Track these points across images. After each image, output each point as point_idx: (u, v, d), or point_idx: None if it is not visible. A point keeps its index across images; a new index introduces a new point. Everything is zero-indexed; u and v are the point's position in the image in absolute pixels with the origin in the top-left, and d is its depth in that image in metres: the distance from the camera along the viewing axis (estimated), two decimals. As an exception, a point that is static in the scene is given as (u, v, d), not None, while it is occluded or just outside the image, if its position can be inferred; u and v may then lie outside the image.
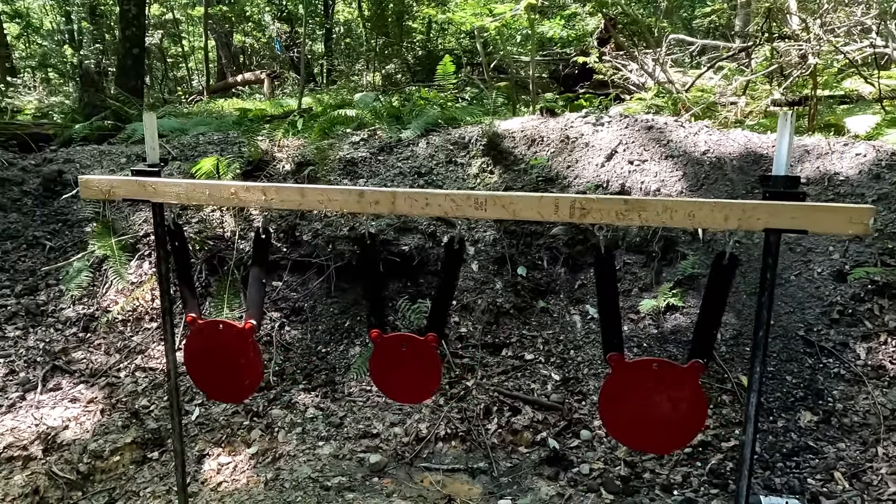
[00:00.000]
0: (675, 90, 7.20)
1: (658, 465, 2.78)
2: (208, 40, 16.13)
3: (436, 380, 1.74)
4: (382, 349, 1.73)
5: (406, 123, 5.39)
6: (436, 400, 3.28)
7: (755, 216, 1.45)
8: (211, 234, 4.24)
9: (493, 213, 1.59)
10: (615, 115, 4.70)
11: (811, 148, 4.02)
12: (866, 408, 2.77)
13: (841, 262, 3.33)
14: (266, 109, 8.60)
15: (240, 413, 3.28)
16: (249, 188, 1.72)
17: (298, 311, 3.97)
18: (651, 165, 4.17)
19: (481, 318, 3.71)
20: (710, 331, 1.54)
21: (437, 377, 1.74)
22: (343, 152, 4.91)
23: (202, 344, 1.94)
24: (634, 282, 3.75)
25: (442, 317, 1.72)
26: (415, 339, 1.71)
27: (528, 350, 3.52)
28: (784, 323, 3.22)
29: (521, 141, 4.72)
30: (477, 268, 3.98)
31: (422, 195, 1.62)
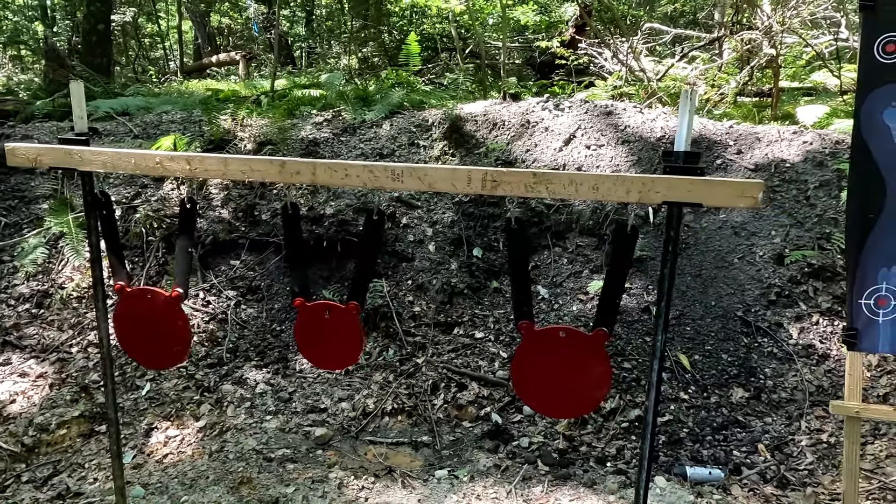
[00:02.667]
0: (646, 78, 7.27)
1: (595, 438, 2.87)
2: (183, 20, 15.88)
3: (358, 347, 1.79)
4: (306, 317, 1.77)
5: (372, 106, 5.39)
6: (385, 376, 3.33)
7: (654, 189, 1.50)
8: (169, 212, 4.22)
9: (409, 185, 1.63)
10: (575, 101, 4.75)
11: (762, 135, 4.12)
12: (794, 384, 2.88)
13: (781, 245, 3.44)
14: (239, 91, 8.51)
15: (190, 388, 3.30)
16: (174, 157, 1.74)
17: (255, 290, 3.99)
18: (607, 150, 4.23)
19: (435, 298, 3.76)
20: (614, 300, 1.60)
21: (358, 344, 1.78)
22: (305, 132, 4.90)
23: (131, 311, 1.96)
24: (586, 263, 3.83)
25: (363, 286, 1.76)
26: (337, 307, 1.75)
27: (479, 329, 3.58)
28: (725, 304, 3.32)
29: (483, 125, 4.76)
30: (434, 248, 4.03)
31: (341, 166, 1.65)
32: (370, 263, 1.78)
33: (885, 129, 1.62)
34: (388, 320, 3.66)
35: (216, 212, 4.27)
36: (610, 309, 1.61)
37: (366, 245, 1.77)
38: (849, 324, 1.71)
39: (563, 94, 7.63)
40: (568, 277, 3.79)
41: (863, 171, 1.65)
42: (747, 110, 6.28)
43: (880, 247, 1.66)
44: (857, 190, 1.67)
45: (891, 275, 1.66)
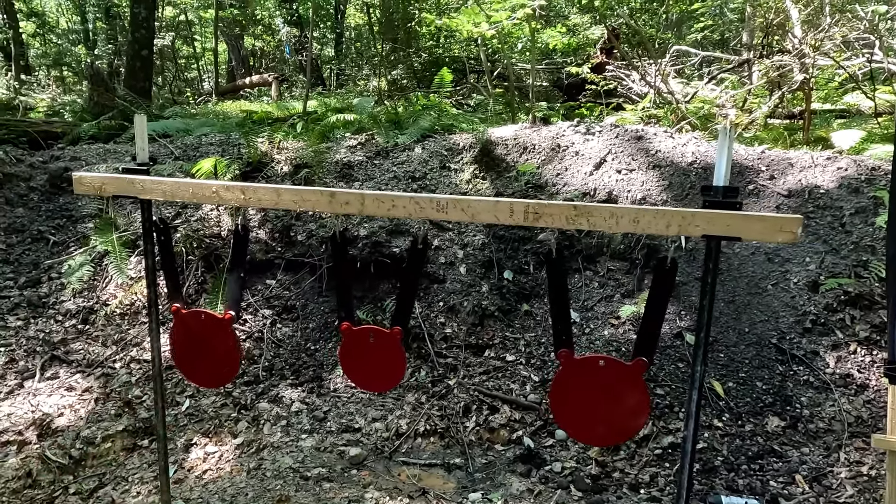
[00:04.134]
0: (675, 100, 7.29)
1: (628, 465, 2.87)
2: (219, 43, 16.39)
3: (401, 370, 1.84)
4: (351, 341, 1.83)
5: (404, 129, 5.51)
6: (418, 397, 3.38)
7: (694, 223, 1.54)
8: (208, 232, 4.36)
9: (453, 216, 1.69)
10: (605, 125, 4.80)
11: (795, 161, 4.10)
12: (832, 414, 2.84)
13: (816, 272, 3.41)
14: (272, 112, 8.78)
15: (228, 405, 3.39)
16: (229, 187, 1.83)
17: (290, 309, 4.08)
18: (638, 175, 4.26)
19: (466, 320, 3.81)
20: (653, 331, 1.64)
21: (402, 367, 1.84)
22: (340, 156, 5.04)
23: (185, 332, 2.05)
24: (617, 288, 3.84)
25: (406, 311, 1.82)
26: (381, 332, 1.81)
27: (510, 351, 3.61)
28: (759, 331, 3.30)
29: (514, 148, 4.83)
30: (465, 271, 4.08)
31: (388, 198, 1.73)
32: (412, 289, 1.84)
33: (925, 164, 1.64)
34: (421, 341, 3.72)
35: (254, 233, 4.40)
36: (650, 339, 1.64)
37: (408, 272, 1.84)
38: (890, 356, 1.71)
39: (591, 116, 7.68)
40: (599, 302, 3.80)
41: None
42: (778, 133, 6.24)
43: (922, 280, 1.66)
44: (895, 222, 1.69)
45: (933, 309, 1.66)
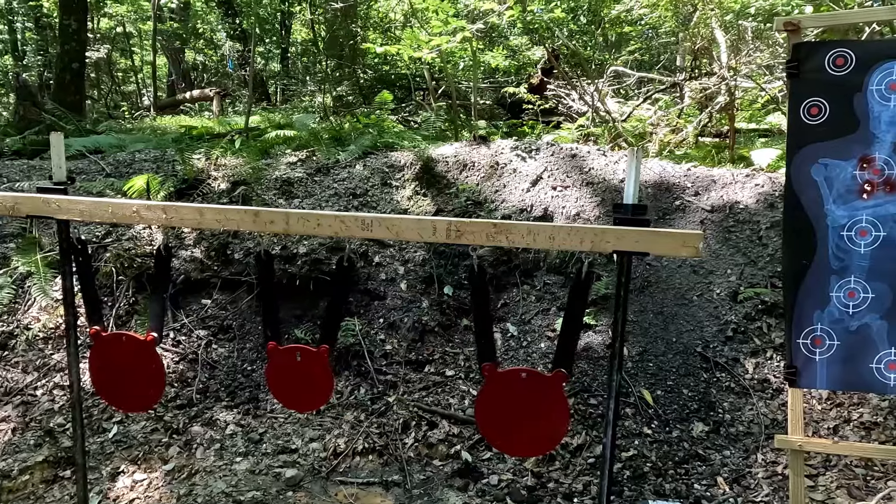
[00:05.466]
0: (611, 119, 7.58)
1: (563, 474, 2.93)
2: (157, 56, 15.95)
3: (328, 388, 1.84)
4: (278, 360, 1.82)
5: (346, 146, 5.52)
6: (357, 415, 3.36)
7: (605, 239, 1.63)
8: (140, 251, 4.23)
9: (378, 234, 1.72)
10: (542, 144, 4.95)
11: (717, 178, 4.34)
12: (751, 418, 3.00)
13: (737, 283, 3.61)
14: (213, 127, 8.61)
15: (159, 430, 3.28)
16: (150, 207, 1.80)
17: (226, 329, 3.99)
18: (573, 191, 4.41)
19: (407, 336, 3.82)
20: (571, 343, 1.70)
21: (329, 386, 1.84)
22: (279, 172, 4.99)
23: (106, 356, 1.99)
24: (553, 301, 3.94)
25: (333, 329, 1.83)
26: (308, 350, 1.81)
27: (450, 366, 3.65)
28: (685, 340, 3.45)
29: (454, 166, 4.91)
30: (405, 287, 4.10)
31: (314, 216, 1.74)
32: (339, 308, 1.85)
33: (813, 183, 1.78)
34: (360, 359, 3.70)
35: (188, 251, 4.29)
36: (568, 351, 1.71)
37: (336, 290, 1.85)
38: (789, 362, 1.84)
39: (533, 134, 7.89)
40: (536, 315, 3.89)
41: (795, 221, 1.81)
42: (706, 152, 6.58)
43: (814, 290, 1.80)
44: (790, 238, 1.82)
45: (824, 316, 1.80)
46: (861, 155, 1.74)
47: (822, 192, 1.77)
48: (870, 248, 1.75)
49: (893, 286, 1.75)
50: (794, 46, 1.76)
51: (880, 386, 1.79)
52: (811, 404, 3.03)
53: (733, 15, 4.98)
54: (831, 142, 1.76)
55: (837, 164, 1.76)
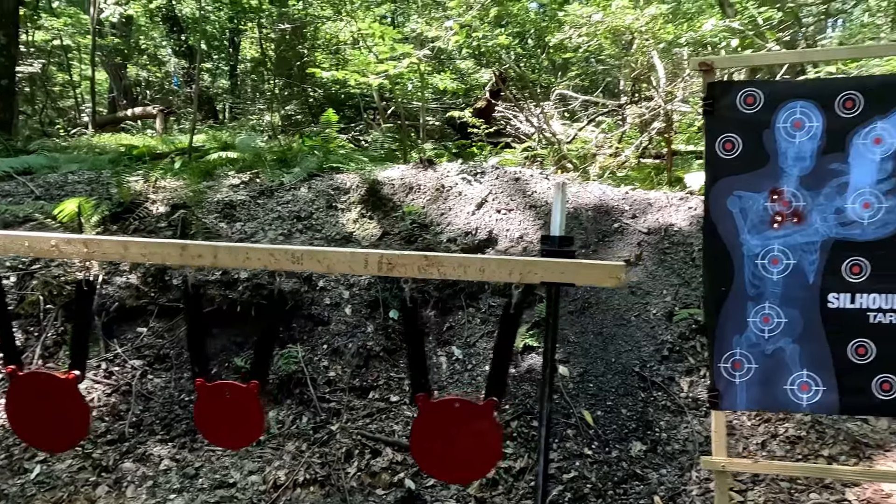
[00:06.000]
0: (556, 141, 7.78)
1: (506, 499, 2.94)
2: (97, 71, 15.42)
3: (259, 425, 1.80)
4: (206, 397, 1.77)
5: (291, 168, 5.46)
6: (298, 445, 3.28)
7: (533, 271, 1.66)
8: (70, 278, 4.04)
9: (308, 267, 1.71)
10: (487, 167, 5.03)
11: (653, 201, 4.51)
12: (686, 436, 3.10)
13: (672, 303, 3.74)
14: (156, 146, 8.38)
15: (87, 469, 3.11)
16: (70, 241, 1.73)
17: (163, 359, 3.85)
18: (516, 214, 4.49)
19: (351, 362, 3.78)
20: (502, 371, 1.73)
21: (260, 423, 1.80)
22: (221, 195, 4.89)
23: (23, 395, 1.88)
24: (498, 324, 3.97)
25: (264, 364, 1.79)
26: (238, 387, 1.77)
27: (395, 392, 3.62)
28: (624, 360, 3.54)
29: (401, 188, 4.92)
30: (350, 312, 4.06)
31: (242, 249, 1.71)
32: (271, 342, 1.82)
33: (729, 214, 1.88)
34: (303, 386, 3.63)
35: (124, 277, 4.14)
36: (499, 379, 1.73)
37: (266, 324, 1.82)
38: (711, 385, 1.92)
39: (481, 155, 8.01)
40: (481, 338, 3.92)
41: (714, 250, 1.90)
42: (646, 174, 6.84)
43: (733, 316, 1.89)
44: (710, 266, 1.91)
45: (743, 340, 1.89)
46: (771, 188, 1.85)
47: (737, 223, 1.87)
48: (782, 276, 1.85)
49: (803, 312, 1.85)
50: (709, 85, 1.87)
51: (794, 405, 1.89)
52: (742, 420, 3.15)
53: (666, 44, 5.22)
54: (744, 175, 1.86)
55: (751, 196, 1.86)
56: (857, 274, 1.82)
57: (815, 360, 1.85)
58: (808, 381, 1.86)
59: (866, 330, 1.81)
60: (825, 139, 1.81)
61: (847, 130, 1.80)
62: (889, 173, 1.78)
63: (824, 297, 1.84)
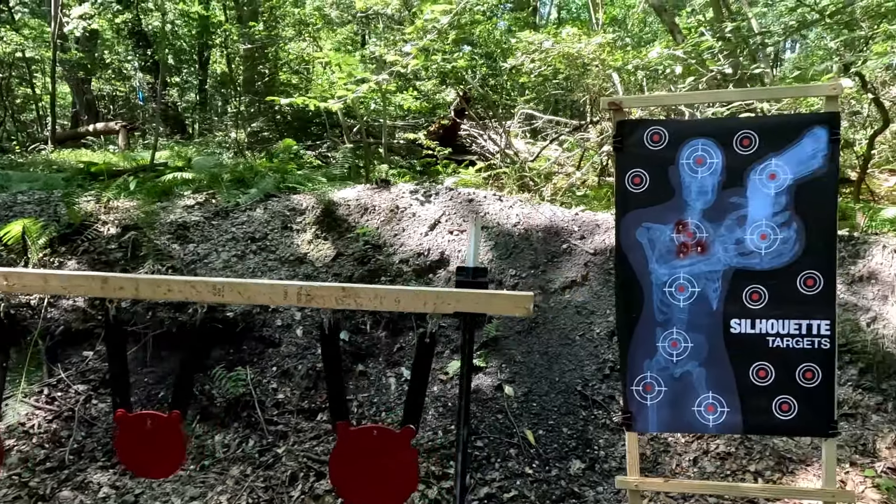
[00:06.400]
0: (518, 159, 7.93)
1: (448, 519, 2.98)
2: (60, 85, 15.18)
3: (180, 454, 1.82)
4: (127, 428, 1.79)
5: (248, 188, 5.47)
6: (243, 470, 3.28)
7: (447, 301, 1.74)
8: (14, 301, 3.98)
9: (229, 298, 1.75)
10: (442, 188, 5.12)
11: (601, 222, 4.64)
12: (622, 454, 3.18)
13: (614, 323, 3.85)
14: (117, 163, 8.30)
15: (22, 498, 3.06)
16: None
17: (108, 383, 3.81)
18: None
19: (300, 384, 3.79)
20: (418, 400, 1.79)
21: (181, 452, 1.82)
22: (175, 216, 4.87)
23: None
24: (447, 344, 4.04)
25: (186, 394, 1.82)
26: (159, 417, 1.79)
27: (343, 414, 3.64)
28: (567, 379, 3.63)
29: (356, 209, 4.98)
30: (301, 333, 4.08)
31: (164, 282, 1.75)
32: (192, 371, 1.85)
33: (638, 245, 1.98)
34: (251, 409, 3.63)
35: (70, 300, 4.09)
36: (415, 408, 1.79)
37: (189, 350, 1.85)
38: (624, 407, 2.01)
39: (444, 172, 8.11)
40: (430, 358, 3.97)
41: (625, 278, 1.99)
42: (604, 193, 7.01)
43: (643, 341, 1.98)
44: (621, 294, 2.01)
45: (653, 364, 1.98)
46: (677, 220, 1.96)
47: (646, 253, 1.97)
48: (687, 303, 1.96)
49: (708, 337, 1.96)
50: (618, 124, 1.98)
51: (701, 426, 1.98)
52: (676, 438, 3.25)
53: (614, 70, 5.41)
54: (652, 208, 1.97)
55: (658, 228, 1.97)
56: (757, 301, 1.93)
57: (720, 382, 1.95)
58: (714, 402, 1.96)
59: (766, 354, 1.92)
60: (725, 175, 1.93)
61: (745, 167, 1.92)
62: (783, 207, 1.90)
63: (727, 322, 1.95)
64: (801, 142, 1.88)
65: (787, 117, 1.93)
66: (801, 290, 1.90)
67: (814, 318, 1.90)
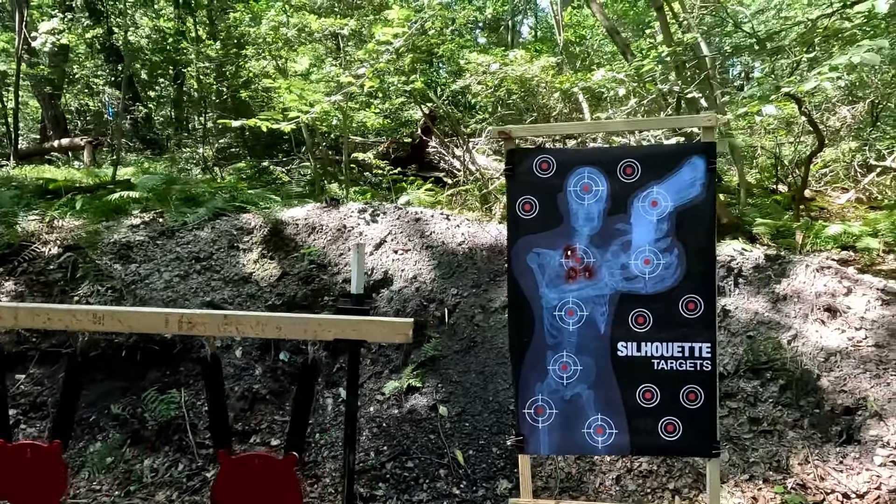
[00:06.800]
0: (480, 176, 8.00)
1: (372, 542, 2.98)
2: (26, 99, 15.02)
3: (62, 485, 1.81)
4: (5, 458, 1.77)
5: (197, 207, 5.45)
6: (169, 495, 3.24)
7: (328, 328, 1.76)
8: (-56, 324, 3.92)
9: (109, 327, 1.76)
10: (390, 207, 5.15)
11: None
12: (549, 472, 3.21)
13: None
14: (80, 179, 8.23)
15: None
16: None
17: (39, 407, 3.75)
18: (413, 255, 4.61)
19: (235, 406, 3.77)
20: (301, 426, 1.80)
21: (63, 483, 1.81)
22: (119, 235, 4.84)
23: None
24: (387, 364, 4.05)
25: (67, 423, 1.81)
26: (39, 447, 1.78)
27: (276, 436, 3.62)
28: (501, 399, 3.66)
29: (304, 228, 4.99)
30: (240, 354, 4.07)
31: (44, 310, 1.75)
32: (73, 399, 1.84)
33: (529, 270, 2.03)
34: (182, 433, 3.60)
35: (3, 322, 4.03)
36: (298, 433, 1.80)
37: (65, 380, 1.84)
38: (517, 430, 2.04)
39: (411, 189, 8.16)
40: (370, 378, 3.98)
41: (516, 303, 2.04)
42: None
43: (535, 364, 2.02)
44: (513, 318, 2.05)
45: (544, 387, 2.02)
46: (566, 245, 2.01)
47: (536, 278, 2.02)
48: (576, 327, 2.00)
49: (597, 360, 2.00)
50: (509, 152, 2.03)
51: (590, 448, 2.02)
52: (602, 455, 3.29)
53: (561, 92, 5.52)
54: (542, 234, 2.02)
55: (548, 253, 2.01)
56: (642, 324, 1.98)
57: (608, 404, 2.00)
58: (603, 424, 2.00)
59: (652, 376, 1.97)
60: (610, 202, 1.99)
61: (628, 194, 1.98)
62: (665, 233, 1.96)
63: (614, 345, 1.99)
64: (680, 171, 1.95)
65: (667, 147, 2.00)
66: (683, 314, 1.96)
67: (695, 340, 1.95)
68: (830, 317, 3.46)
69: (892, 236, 5.28)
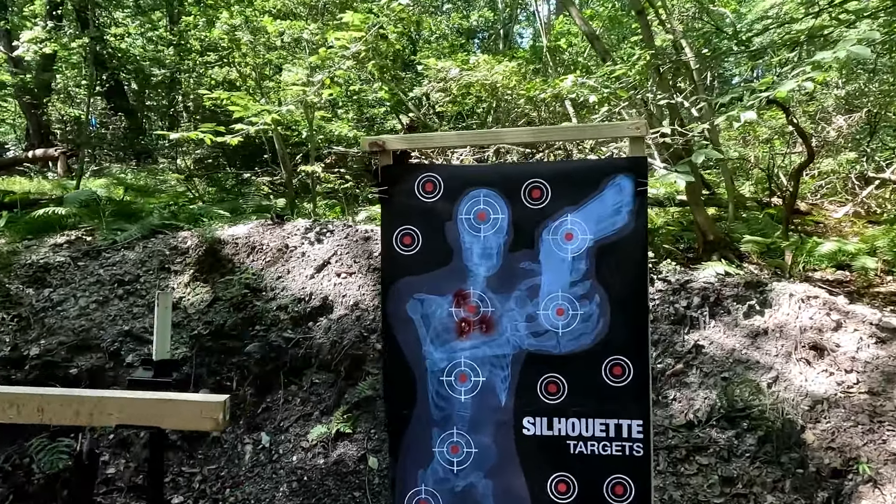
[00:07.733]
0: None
1: None
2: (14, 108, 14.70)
3: None
4: None
5: (132, 224, 5.02)
6: (41, 566, 2.78)
7: (107, 411, 1.30)
8: None
9: None
10: (337, 226, 4.70)
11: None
12: None
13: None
14: (47, 191, 7.88)
15: None
16: None
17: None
18: (357, 278, 4.15)
19: (139, 455, 3.30)
20: None
21: None
22: (38, 256, 4.40)
23: None
24: (318, 404, 3.59)
25: None
26: None
27: (180, 491, 3.16)
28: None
29: (244, 248, 4.54)
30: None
31: None
32: None
33: (409, 322, 1.57)
34: (74, 486, 3.13)
35: None
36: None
37: None
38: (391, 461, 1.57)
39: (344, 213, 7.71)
40: (297, 420, 3.52)
41: (393, 366, 1.58)
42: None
43: (416, 445, 1.56)
44: (389, 385, 1.58)
45: (428, 476, 1.55)
46: (456, 290, 1.55)
47: (419, 332, 1.56)
48: (470, 396, 1.54)
49: (496, 440, 1.54)
50: (382, 169, 1.58)
51: (487, 557, 1.55)
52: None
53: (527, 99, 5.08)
54: (426, 275, 1.56)
55: (433, 300, 1.56)
56: (555, 394, 1.52)
57: (511, 499, 1.53)
58: (504, 524, 1.53)
59: (567, 462, 1.50)
60: (512, 233, 1.54)
61: (535, 224, 1.52)
62: (583, 275, 1.50)
63: (519, 421, 1.53)
64: (601, 194, 1.49)
65: (585, 163, 1.56)
66: (608, 381, 1.49)
67: (623, 417, 1.48)
68: (817, 356, 2.98)
69: (891, 255, 4.79)
